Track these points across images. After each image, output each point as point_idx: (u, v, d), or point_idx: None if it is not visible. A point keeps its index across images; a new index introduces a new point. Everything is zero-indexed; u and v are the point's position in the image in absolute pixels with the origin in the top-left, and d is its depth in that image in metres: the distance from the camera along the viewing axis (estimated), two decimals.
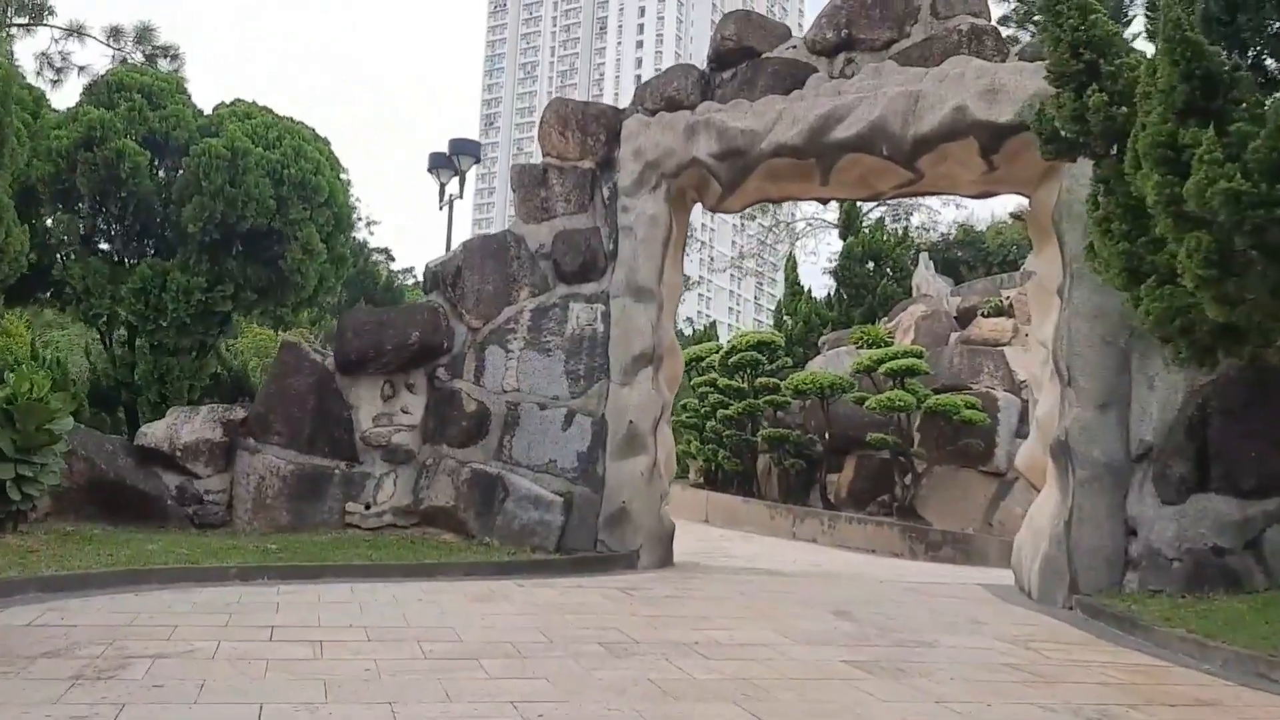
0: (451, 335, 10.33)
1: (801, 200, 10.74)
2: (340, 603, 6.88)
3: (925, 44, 9.57)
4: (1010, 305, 17.58)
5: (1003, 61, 9.21)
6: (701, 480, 19.69)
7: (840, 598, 8.04)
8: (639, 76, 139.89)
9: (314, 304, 11.81)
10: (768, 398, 17.19)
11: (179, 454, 9.73)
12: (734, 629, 6.54)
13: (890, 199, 10.54)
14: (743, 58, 10.19)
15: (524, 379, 10.09)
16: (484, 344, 10.27)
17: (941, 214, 35.90)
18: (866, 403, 15.09)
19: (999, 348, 16.48)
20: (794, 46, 10.13)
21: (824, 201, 10.73)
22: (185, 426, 9.82)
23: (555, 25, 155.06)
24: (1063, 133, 5.65)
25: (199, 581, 7.44)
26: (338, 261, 11.51)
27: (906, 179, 9.72)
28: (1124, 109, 5.31)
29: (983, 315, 17.46)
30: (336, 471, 9.91)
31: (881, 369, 15.27)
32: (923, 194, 10.34)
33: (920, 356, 15.52)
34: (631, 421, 9.74)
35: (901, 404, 14.66)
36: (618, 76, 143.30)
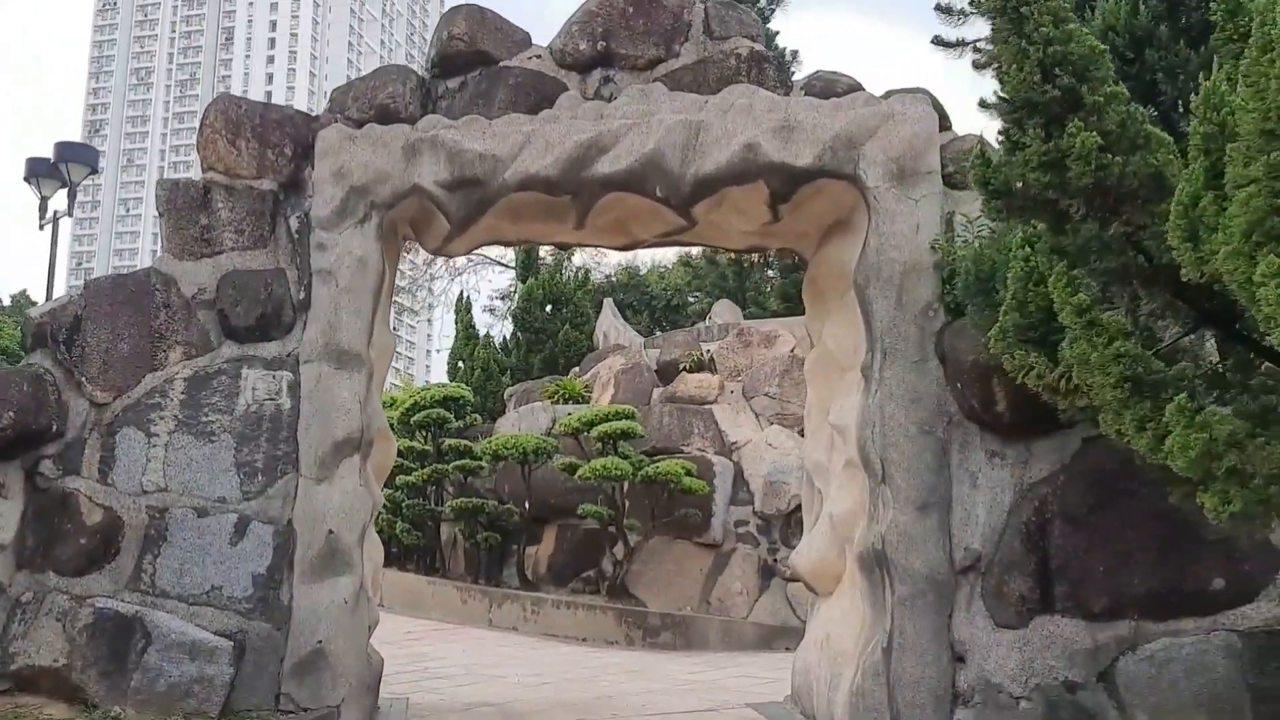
0: (64, 413, 7.36)
1: (542, 245, 8.79)
2: None
3: (698, 67, 8.04)
4: (712, 359, 16.65)
5: (787, 94, 7.87)
6: None
7: None
8: (269, 94, 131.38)
9: None
10: (458, 462, 15.01)
11: None
12: None
13: (649, 248, 8.87)
14: (475, 64, 8.15)
15: (175, 474, 7.34)
16: (115, 425, 7.40)
17: (607, 255, 35.35)
18: (579, 471, 13.36)
19: (706, 406, 15.41)
20: (538, 56, 8.23)
21: (565, 248, 8.86)
22: None
23: (175, 31, 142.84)
24: (1020, 185, 4.22)
25: None
26: None
27: (676, 226, 8.09)
28: (1117, 158, 3.96)
29: (685, 370, 16.37)
30: None
31: (594, 432, 13.62)
32: (686, 244, 8.82)
33: (632, 417, 14.06)
34: (331, 531, 7.30)
35: (618, 472, 13.07)
36: (245, 90, 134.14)
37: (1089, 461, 6.62)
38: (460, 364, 22.63)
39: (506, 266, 35.10)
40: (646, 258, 36.65)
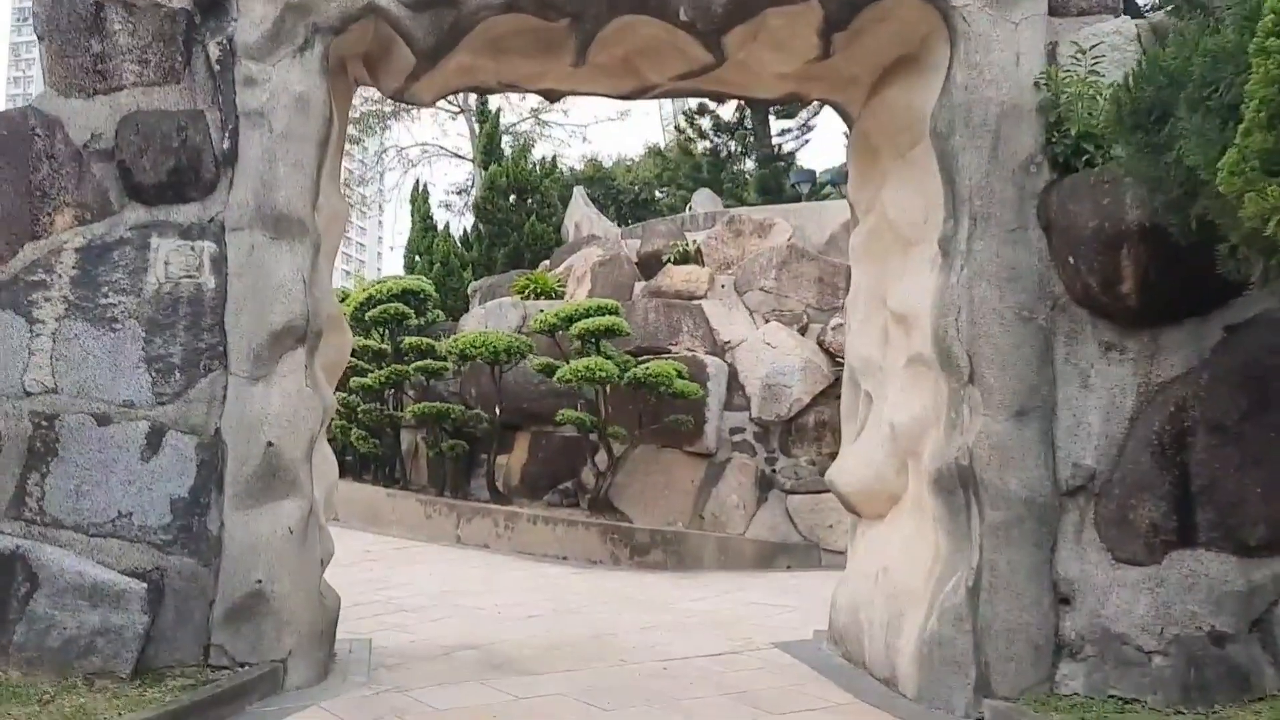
0: None
1: (530, 92, 7.14)
2: None
3: None
4: (699, 251, 15.10)
5: None
6: None
7: None
8: None
9: None
10: (420, 363, 13.43)
11: None
12: None
13: (659, 96, 7.23)
14: None
15: (68, 372, 5.74)
16: None
17: (570, 148, 33.52)
18: (558, 373, 11.85)
19: (695, 301, 13.89)
20: None
21: (555, 98, 7.22)
22: None
23: None
24: None
25: None
26: None
27: (699, 64, 6.50)
28: None
29: (671, 262, 14.81)
30: None
31: (574, 329, 12.08)
32: (706, 93, 7.19)
33: (615, 313, 12.53)
34: (271, 443, 5.75)
35: (602, 374, 11.58)
36: None
37: (1239, 355, 5.25)
38: (417, 258, 20.83)
39: (463, 158, 33.11)
40: (612, 149, 34.90)
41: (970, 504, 5.53)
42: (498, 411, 13.01)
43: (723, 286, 14.30)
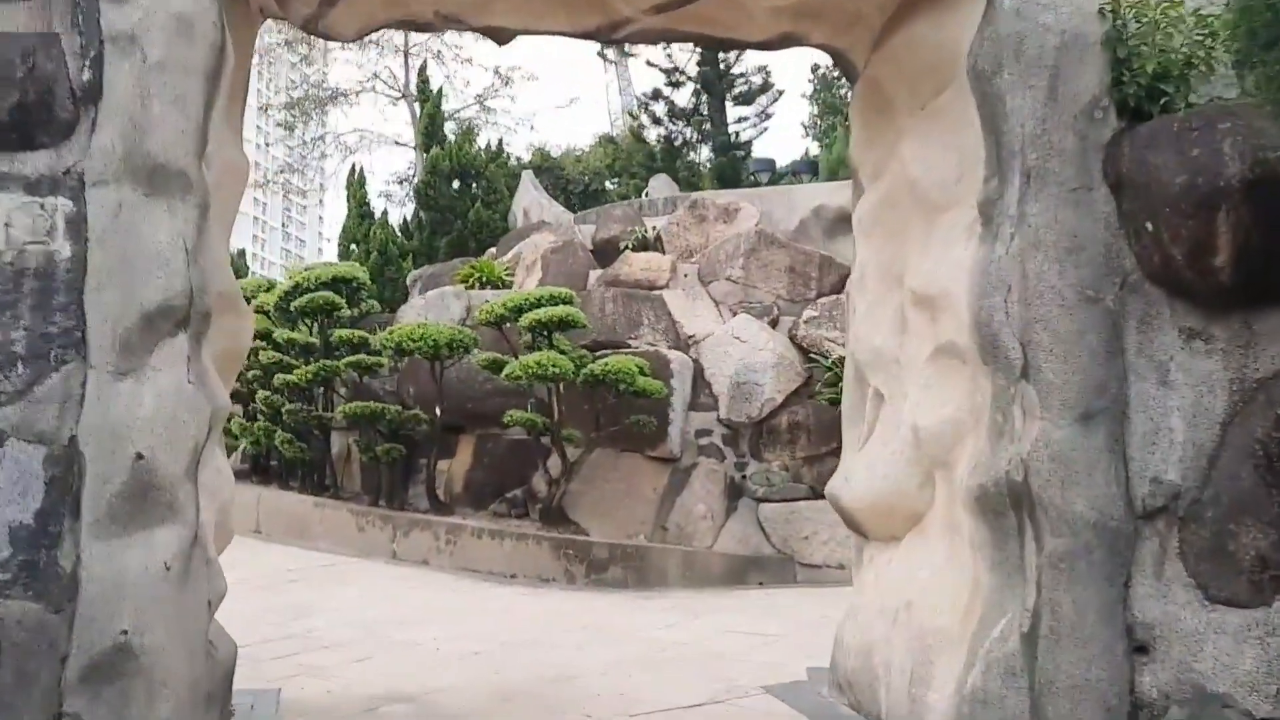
0: None
1: (473, 29, 5.97)
2: None
3: None
4: (659, 238, 14.01)
5: None
6: (247, 468, 14.17)
7: None
8: None
9: None
10: (352, 358, 12.14)
11: None
12: None
13: (626, 39, 6.06)
14: None
15: None
16: None
17: (516, 134, 32.27)
18: (506, 369, 10.65)
19: (656, 291, 12.79)
20: None
21: (504, 39, 6.00)
22: None
23: None
24: None
25: None
26: None
27: None
28: None
29: (629, 249, 13.69)
30: None
31: (524, 320, 10.89)
32: (687, 35, 6.03)
33: (570, 302, 11.37)
34: (141, 455, 4.50)
35: (555, 370, 10.41)
36: None
37: None
38: (353, 247, 19.42)
39: (404, 145, 31.70)
40: (560, 139, 33.73)
41: (1024, 529, 4.47)
42: (438, 412, 11.77)
43: (685, 276, 13.24)
